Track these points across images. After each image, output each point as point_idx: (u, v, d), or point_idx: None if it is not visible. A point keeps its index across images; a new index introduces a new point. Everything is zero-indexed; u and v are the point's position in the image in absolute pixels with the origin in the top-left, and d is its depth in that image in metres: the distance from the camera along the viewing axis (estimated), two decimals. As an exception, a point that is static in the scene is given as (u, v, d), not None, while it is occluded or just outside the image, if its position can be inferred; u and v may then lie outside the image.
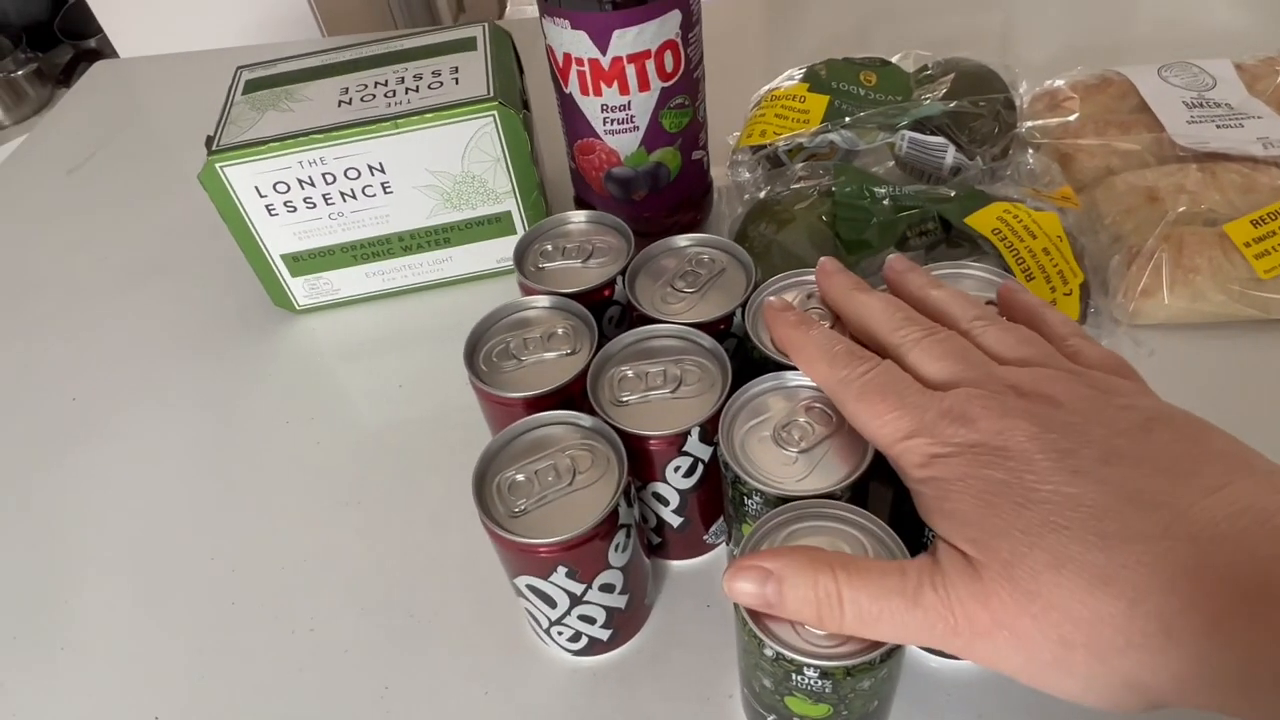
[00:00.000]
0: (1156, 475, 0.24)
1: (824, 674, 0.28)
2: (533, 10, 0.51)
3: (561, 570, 0.35)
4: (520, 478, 0.36)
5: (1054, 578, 0.24)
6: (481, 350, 0.42)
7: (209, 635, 0.44)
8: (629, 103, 0.51)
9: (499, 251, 0.60)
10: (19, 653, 0.45)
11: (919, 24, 0.84)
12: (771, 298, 0.39)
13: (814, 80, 0.59)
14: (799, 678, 0.29)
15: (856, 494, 0.34)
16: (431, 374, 0.55)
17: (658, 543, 0.43)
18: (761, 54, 0.85)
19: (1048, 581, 0.24)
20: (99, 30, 1.65)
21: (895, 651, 0.29)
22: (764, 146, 0.57)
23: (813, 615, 0.27)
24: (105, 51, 1.84)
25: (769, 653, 0.29)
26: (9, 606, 0.47)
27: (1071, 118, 0.58)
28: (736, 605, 0.30)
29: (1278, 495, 0.23)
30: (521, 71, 0.60)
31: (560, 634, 0.39)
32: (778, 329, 0.36)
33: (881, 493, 0.36)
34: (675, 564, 0.44)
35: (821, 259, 0.38)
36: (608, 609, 0.38)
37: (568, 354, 0.41)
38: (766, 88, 0.62)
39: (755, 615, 0.30)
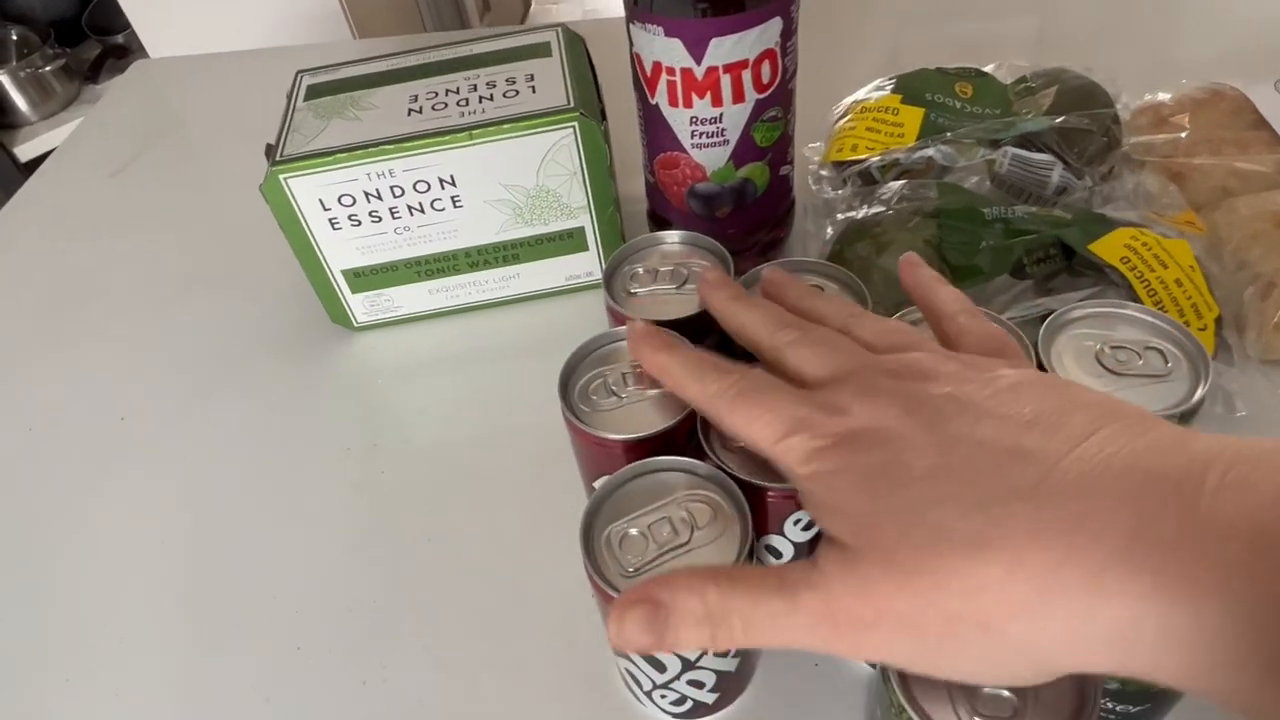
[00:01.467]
0: (1026, 431, 0.24)
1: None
2: (556, 9, 0.48)
3: (678, 636, 0.32)
4: (634, 532, 0.32)
5: (933, 551, 0.23)
6: (576, 384, 0.38)
7: (271, 680, 0.41)
8: (720, 115, 0.48)
9: (569, 269, 0.56)
10: (70, 695, 0.42)
11: (950, 28, 0.80)
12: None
13: (906, 91, 0.56)
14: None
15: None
16: (497, 394, 0.52)
17: (761, 595, 0.40)
18: (839, 67, 0.81)
19: (928, 557, 0.23)
20: (127, 25, 1.63)
21: None
22: (855, 161, 0.54)
23: (707, 637, 0.25)
24: (132, 47, 1.82)
25: None
26: (57, 643, 0.44)
27: (1182, 135, 0.54)
28: (884, 668, 0.27)
29: (1145, 436, 0.22)
30: (596, 79, 0.57)
31: (664, 697, 0.36)
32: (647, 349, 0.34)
33: None
34: (776, 616, 0.41)
35: (704, 267, 0.38)
36: (719, 673, 0.35)
37: (670, 391, 0.37)
38: (850, 98, 0.59)
39: (911, 696, 0.27)
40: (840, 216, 0.51)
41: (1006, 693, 0.27)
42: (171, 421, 0.54)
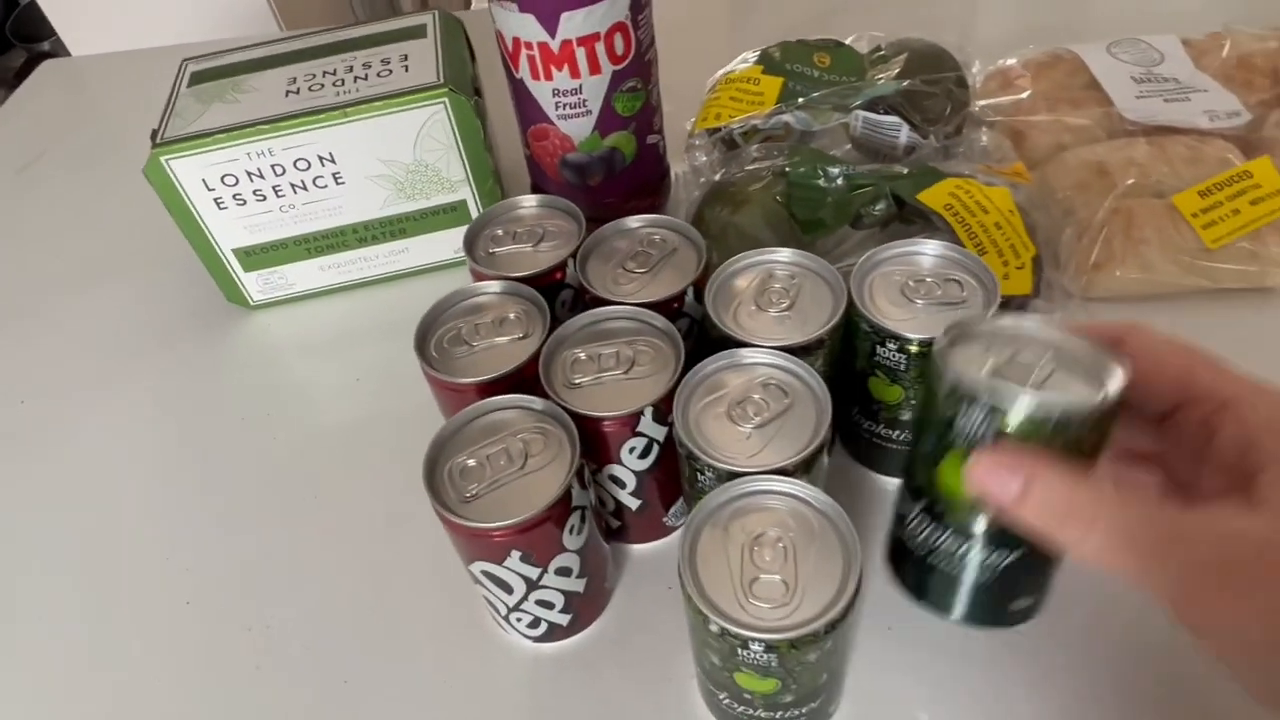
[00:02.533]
0: None
1: (769, 648, 0.28)
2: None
3: (516, 554, 0.35)
4: (471, 463, 0.35)
5: None
6: (433, 338, 0.41)
7: (165, 635, 0.43)
8: (580, 86, 0.50)
9: (456, 241, 0.58)
10: (-33, 660, 0.44)
11: (881, 10, 0.84)
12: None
13: (768, 62, 0.59)
14: (745, 653, 0.29)
15: (807, 469, 0.34)
16: (390, 366, 0.54)
17: (617, 526, 0.43)
18: (722, 40, 0.85)
19: None
20: (53, 33, 1.62)
21: (839, 624, 0.29)
22: (719, 129, 0.57)
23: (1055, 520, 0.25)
24: (60, 54, 1.80)
25: (714, 628, 0.29)
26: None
27: (1024, 95, 0.58)
28: (683, 584, 0.30)
29: None
30: (474, 59, 0.59)
31: (519, 620, 0.39)
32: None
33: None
34: (636, 548, 0.44)
35: None
36: (566, 593, 0.38)
37: (520, 338, 0.40)
38: (721, 71, 0.62)
39: (701, 591, 0.30)
40: (703, 180, 0.54)
41: (777, 577, 0.30)
42: (71, 402, 0.56)
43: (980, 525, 0.29)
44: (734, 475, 0.33)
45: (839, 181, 0.50)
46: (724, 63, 0.64)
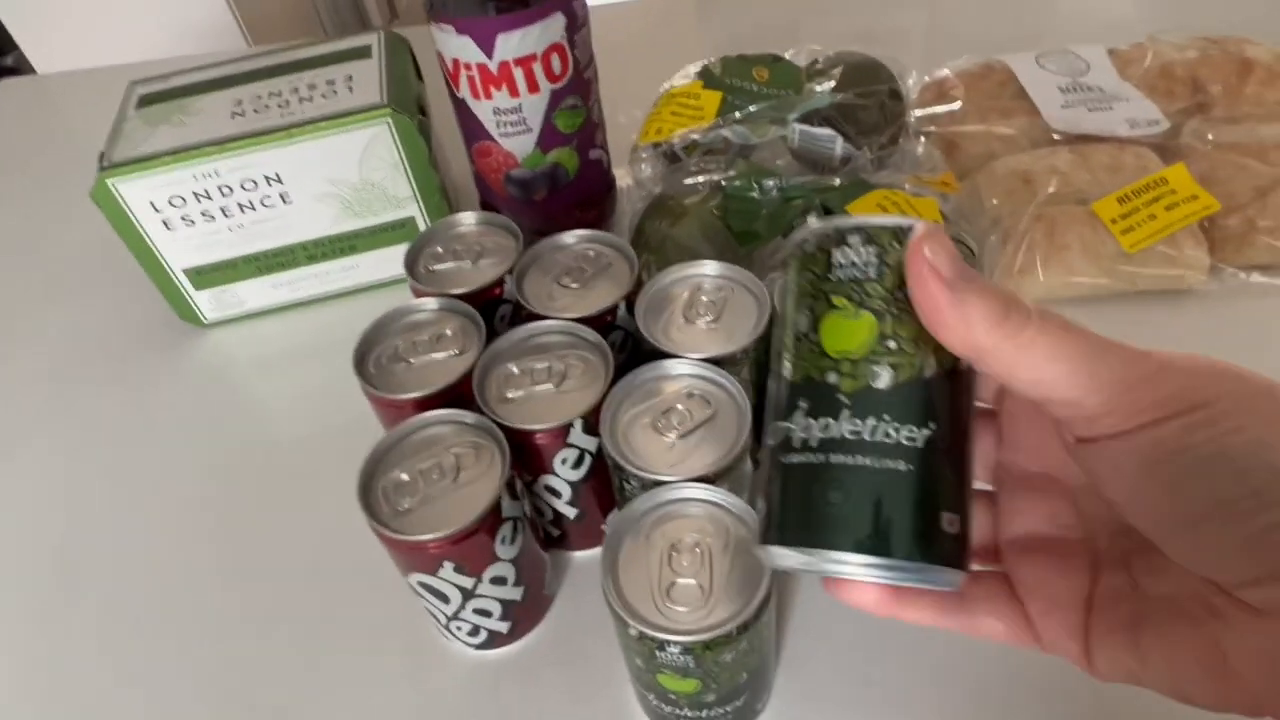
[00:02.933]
0: None
1: (685, 649, 0.29)
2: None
3: (449, 565, 0.36)
4: (405, 477, 0.36)
5: None
6: (372, 355, 0.42)
7: (111, 657, 0.44)
8: (520, 105, 0.52)
9: (406, 257, 0.60)
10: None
11: (833, 22, 0.86)
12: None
13: (708, 77, 0.60)
14: (663, 654, 0.30)
15: (729, 476, 0.35)
16: (341, 382, 0.54)
17: (557, 535, 0.44)
18: (674, 54, 0.86)
19: None
20: (15, 47, 1.61)
21: (752, 625, 0.30)
22: (661, 143, 0.58)
23: (1000, 306, 0.23)
24: (24, 70, 1.79)
25: (633, 632, 0.30)
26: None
27: (955, 106, 0.60)
28: (604, 591, 0.31)
29: None
30: (421, 78, 0.61)
31: (459, 629, 0.40)
32: None
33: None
34: (578, 555, 0.45)
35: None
36: (503, 601, 0.39)
37: (456, 354, 0.41)
38: (665, 85, 0.64)
39: (621, 597, 0.31)
40: (645, 194, 0.56)
41: (694, 581, 0.31)
42: (23, 425, 0.56)
43: (885, 378, 0.24)
44: (658, 484, 0.34)
45: (773, 194, 0.52)
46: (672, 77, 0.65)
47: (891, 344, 0.24)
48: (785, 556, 0.25)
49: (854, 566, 0.24)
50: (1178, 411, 0.22)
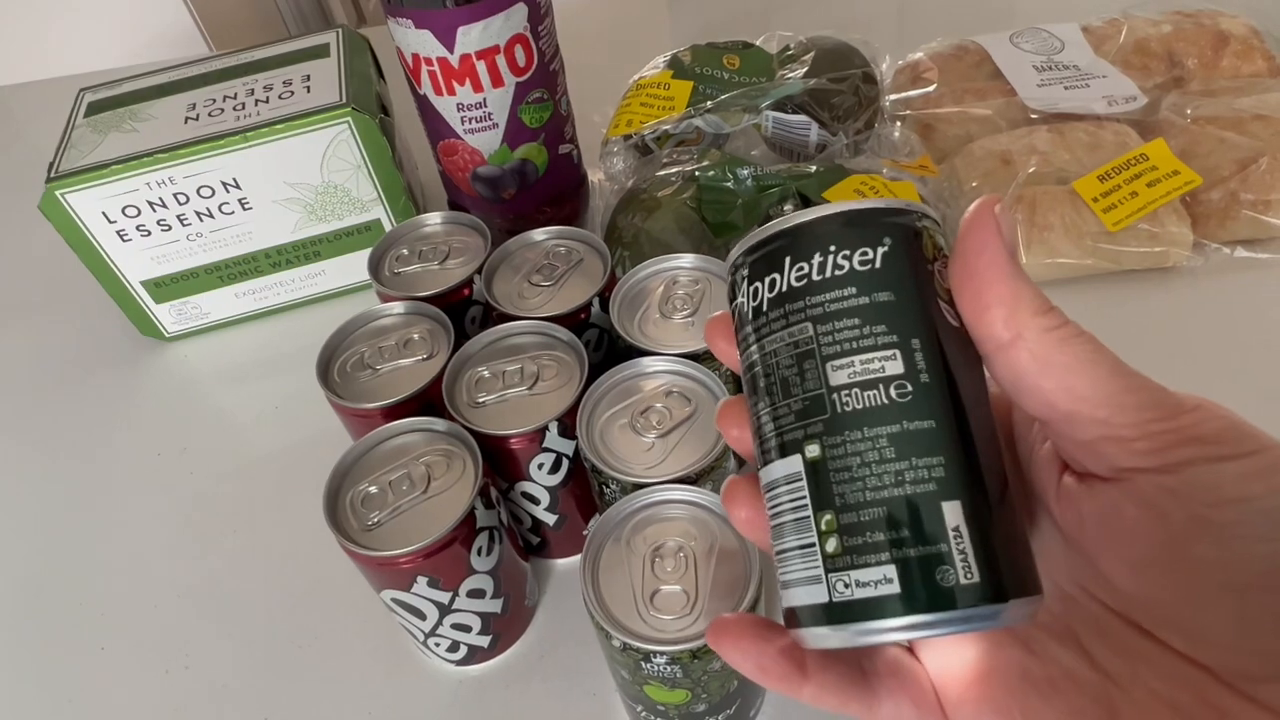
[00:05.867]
0: None
1: (672, 659, 0.28)
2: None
3: (423, 580, 0.34)
4: (373, 490, 0.35)
5: None
6: (336, 363, 0.41)
7: (79, 683, 0.42)
8: (484, 100, 0.50)
9: (374, 261, 0.58)
10: None
11: (804, 8, 0.84)
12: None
13: (678, 67, 0.59)
14: (649, 665, 0.29)
15: (711, 475, 0.34)
16: (309, 393, 0.52)
17: (538, 543, 0.42)
18: (643, 45, 0.84)
19: None
20: (-29, 61, 1.57)
21: None
22: (632, 135, 0.57)
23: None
24: (-20, 84, 1.75)
25: (616, 644, 0.29)
26: None
27: (931, 88, 0.59)
28: (585, 601, 0.30)
29: None
30: (382, 77, 0.59)
31: (438, 645, 0.38)
32: None
33: None
34: (560, 563, 0.44)
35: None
36: (483, 615, 0.37)
37: (424, 359, 0.40)
38: (635, 77, 0.62)
39: (603, 607, 0.30)
40: (616, 188, 0.54)
41: (678, 587, 0.30)
42: (-21, 448, 0.54)
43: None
44: (637, 486, 0.33)
45: (748, 183, 0.50)
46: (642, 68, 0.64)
47: None
48: (825, 638, 0.20)
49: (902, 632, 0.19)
50: (1229, 455, 0.18)
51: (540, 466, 0.37)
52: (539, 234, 0.44)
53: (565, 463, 0.38)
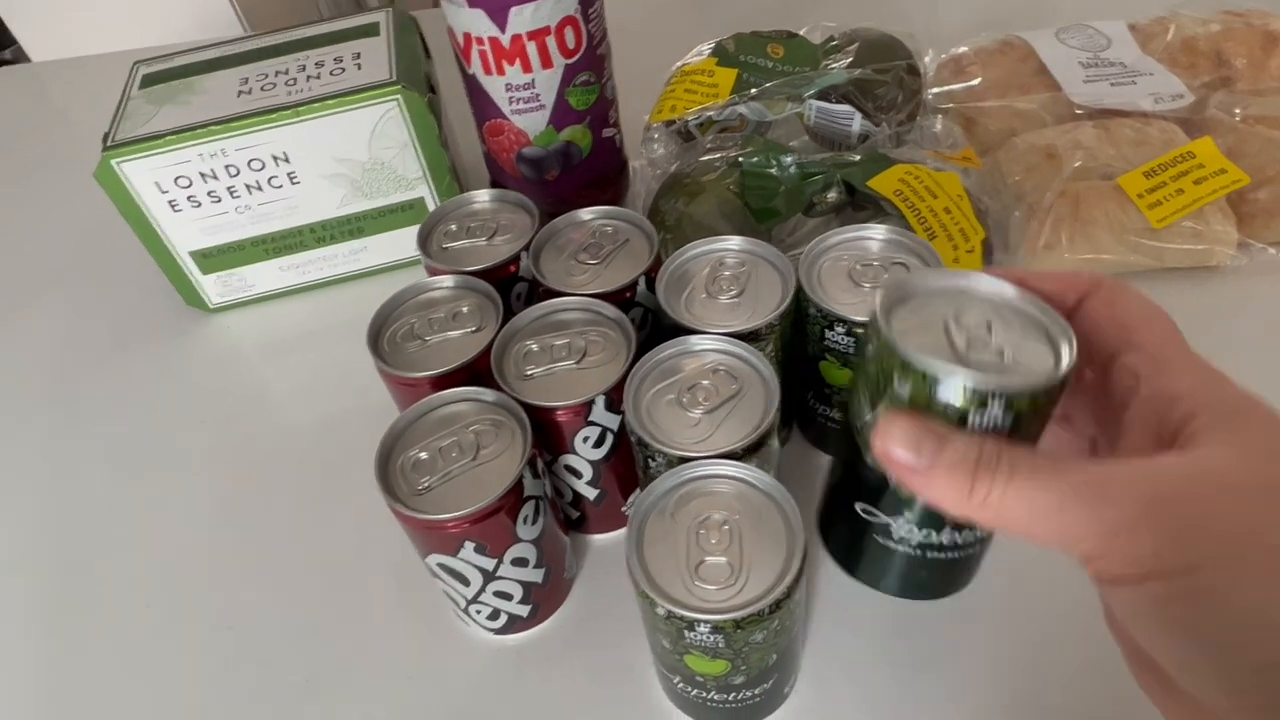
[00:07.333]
0: None
1: (715, 629, 0.29)
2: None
3: (470, 546, 0.35)
4: (424, 455, 0.35)
5: None
6: (386, 333, 0.41)
7: (127, 639, 0.43)
8: (533, 81, 0.51)
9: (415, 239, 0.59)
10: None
11: (838, 1, 0.84)
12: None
13: (722, 54, 0.59)
14: (691, 634, 0.29)
15: (756, 452, 0.34)
16: (351, 364, 0.54)
17: (576, 517, 0.43)
18: (684, 32, 0.85)
19: None
20: (14, 41, 1.60)
21: (784, 603, 0.29)
22: (675, 121, 0.57)
23: (965, 482, 0.23)
24: (21, 63, 1.78)
25: (660, 611, 0.29)
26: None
27: (975, 82, 0.59)
28: (630, 569, 0.30)
29: None
30: (429, 56, 0.59)
31: (479, 612, 0.39)
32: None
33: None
34: (597, 538, 0.44)
35: None
36: (524, 584, 0.38)
37: (473, 331, 0.40)
38: (678, 64, 0.62)
39: (648, 575, 0.30)
40: (659, 173, 0.55)
41: (723, 559, 0.30)
42: (28, 408, 0.55)
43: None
44: (684, 460, 0.33)
45: (791, 170, 0.51)
46: (684, 55, 0.64)
47: None
48: None
49: None
50: (1172, 570, 0.21)
51: (585, 440, 0.38)
52: (586, 213, 0.45)
53: (610, 437, 0.38)
